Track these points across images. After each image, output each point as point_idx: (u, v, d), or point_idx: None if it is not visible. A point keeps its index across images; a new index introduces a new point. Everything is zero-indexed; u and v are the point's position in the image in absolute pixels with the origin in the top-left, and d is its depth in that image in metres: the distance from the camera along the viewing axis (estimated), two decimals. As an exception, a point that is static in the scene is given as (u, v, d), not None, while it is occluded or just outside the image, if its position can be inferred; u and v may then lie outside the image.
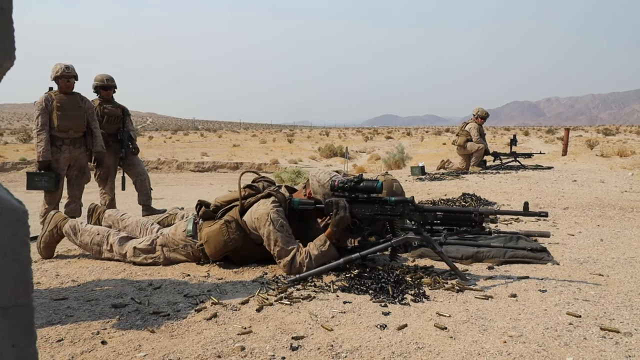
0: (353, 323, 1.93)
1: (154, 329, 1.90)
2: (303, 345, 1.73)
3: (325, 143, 23.81)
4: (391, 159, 11.71)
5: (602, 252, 3.17)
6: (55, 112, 4.66)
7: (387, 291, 2.30)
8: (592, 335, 1.80)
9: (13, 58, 0.46)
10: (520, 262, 2.89)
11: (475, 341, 1.75)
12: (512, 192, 6.09)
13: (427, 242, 2.57)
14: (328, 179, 2.83)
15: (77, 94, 4.88)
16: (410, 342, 1.74)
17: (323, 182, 2.85)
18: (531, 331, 1.84)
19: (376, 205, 2.69)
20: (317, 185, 2.88)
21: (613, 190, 6.15)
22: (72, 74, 4.77)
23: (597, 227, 4.00)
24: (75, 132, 4.80)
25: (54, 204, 4.77)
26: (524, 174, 8.48)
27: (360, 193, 2.67)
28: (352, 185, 2.66)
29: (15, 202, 0.48)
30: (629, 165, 9.47)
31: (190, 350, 1.70)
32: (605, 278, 2.57)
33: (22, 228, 0.48)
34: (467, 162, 9.53)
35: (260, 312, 2.08)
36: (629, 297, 2.25)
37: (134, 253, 2.90)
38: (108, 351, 1.72)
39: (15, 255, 0.47)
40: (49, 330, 1.91)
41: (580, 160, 11.38)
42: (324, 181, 2.85)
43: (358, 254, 2.57)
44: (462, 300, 2.22)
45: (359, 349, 1.69)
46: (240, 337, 1.81)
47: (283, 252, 2.62)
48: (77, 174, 4.96)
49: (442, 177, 8.01)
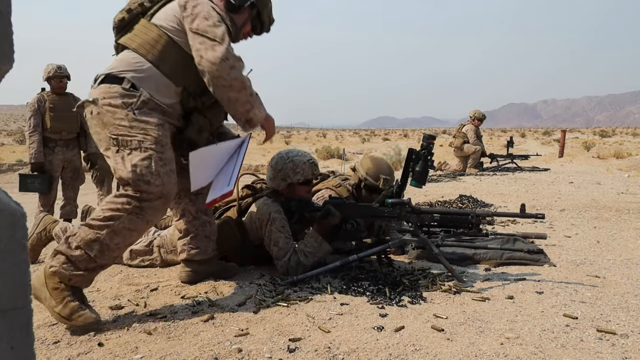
0: (350, 325, 1.94)
1: (150, 331, 1.90)
2: (300, 347, 1.73)
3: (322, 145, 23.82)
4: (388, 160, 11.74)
5: (598, 253, 3.19)
6: (47, 113, 4.63)
7: (384, 293, 2.31)
8: (588, 337, 1.81)
9: (12, 61, 0.46)
10: (517, 263, 2.90)
11: (472, 343, 1.75)
12: (509, 194, 6.10)
13: (424, 244, 2.58)
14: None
15: (70, 95, 4.85)
16: (407, 344, 1.74)
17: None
18: (528, 333, 1.84)
19: (373, 207, 2.69)
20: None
21: (609, 192, 6.17)
22: (64, 75, 4.74)
23: (594, 228, 4.02)
24: (68, 133, 4.78)
25: (48, 206, 4.75)
26: (521, 175, 8.51)
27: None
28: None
29: (13, 205, 0.48)
30: (626, 167, 9.51)
31: (188, 352, 1.69)
32: (602, 280, 2.58)
33: (20, 230, 0.48)
34: (464, 164, 9.55)
35: (257, 314, 2.08)
36: (625, 298, 2.26)
37: (131, 255, 2.89)
38: (105, 353, 1.71)
39: (14, 257, 0.47)
40: (46, 332, 1.90)
41: (577, 162, 11.43)
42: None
43: (355, 255, 2.58)
44: (459, 302, 2.22)
45: (356, 350, 1.69)
46: (238, 339, 1.81)
47: (282, 252, 2.62)
48: (72, 176, 4.94)
49: (439, 179, 8.03)
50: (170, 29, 2.19)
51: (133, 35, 2.22)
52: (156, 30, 2.19)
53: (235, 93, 2.16)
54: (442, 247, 2.95)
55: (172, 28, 2.19)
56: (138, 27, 2.23)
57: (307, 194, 2.82)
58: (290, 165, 2.71)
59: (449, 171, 9.49)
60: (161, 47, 2.18)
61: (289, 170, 2.71)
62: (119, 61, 2.19)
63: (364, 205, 2.75)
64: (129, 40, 2.21)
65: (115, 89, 2.09)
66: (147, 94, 2.12)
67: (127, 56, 2.19)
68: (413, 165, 2.64)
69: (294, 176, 2.70)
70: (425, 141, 2.64)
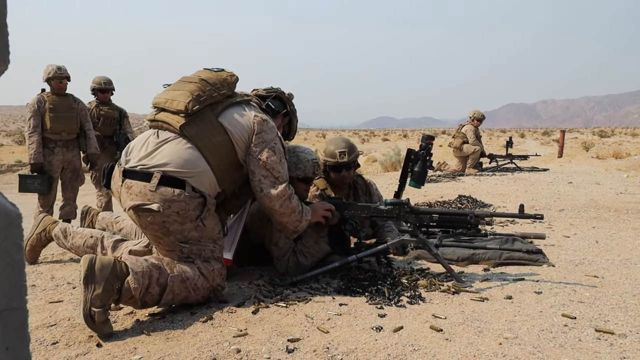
0: (349, 325, 1.94)
1: (149, 331, 1.90)
2: (299, 347, 1.73)
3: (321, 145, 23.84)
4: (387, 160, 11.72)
5: (597, 253, 3.19)
6: (47, 113, 4.62)
7: (383, 293, 2.31)
8: (587, 337, 1.81)
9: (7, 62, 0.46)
10: (516, 264, 2.90)
11: (471, 343, 1.75)
12: (508, 194, 6.11)
13: (423, 244, 2.58)
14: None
15: (70, 96, 4.84)
16: (406, 344, 1.74)
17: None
18: (526, 333, 1.84)
19: (373, 207, 2.70)
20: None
21: (608, 192, 6.18)
22: (64, 75, 4.73)
23: (593, 228, 4.02)
24: (68, 134, 4.77)
25: (47, 206, 4.75)
26: (520, 175, 8.51)
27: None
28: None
29: (8, 205, 0.48)
30: (624, 167, 9.52)
31: (186, 353, 1.69)
32: (600, 280, 2.58)
33: (15, 231, 0.48)
34: (464, 164, 9.56)
35: (256, 314, 2.08)
36: (623, 298, 2.26)
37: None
38: (103, 354, 1.71)
39: (9, 258, 0.47)
40: (44, 333, 1.90)
41: (576, 162, 11.44)
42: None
43: (354, 256, 2.58)
44: (458, 302, 2.23)
45: (355, 351, 1.69)
46: (236, 340, 1.81)
47: (281, 253, 2.62)
48: (71, 177, 4.93)
49: (438, 179, 8.03)
50: (237, 139, 2.26)
51: (201, 131, 2.22)
52: (224, 135, 2.24)
53: (286, 218, 2.37)
54: (441, 247, 2.95)
55: (238, 138, 2.26)
56: (207, 123, 2.24)
57: (304, 192, 2.83)
58: (294, 159, 2.74)
59: (448, 171, 9.49)
60: (224, 153, 2.24)
61: (291, 164, 2.73)
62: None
63: (364, 205, 2.75)
64: (197, 137, 2.20)
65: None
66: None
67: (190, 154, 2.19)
68: (412, 165, 2.64)
69: (295, 171, 2.71)
70: (424, 141, 2.64)
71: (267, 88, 2.66)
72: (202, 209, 2.16)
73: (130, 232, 3.10)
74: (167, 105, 2.24)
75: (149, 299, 2.02)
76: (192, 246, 2.16)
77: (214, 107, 2.27)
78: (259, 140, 2.26)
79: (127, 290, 1.93)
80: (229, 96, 2.33)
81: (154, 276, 2.00)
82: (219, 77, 2.34)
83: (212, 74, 2.36)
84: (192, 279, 2.12)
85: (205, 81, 2.29)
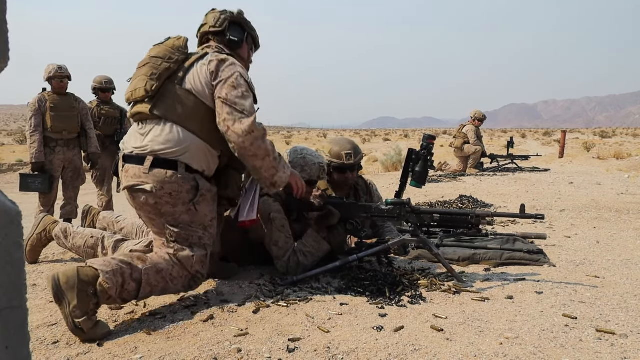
0: (350, 325, 1.93)
1: (150, 331, 1.90)
2: (299, 347, 1.73)
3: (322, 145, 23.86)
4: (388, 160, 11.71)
5: (598, 254, 3.18)
6: (48, 113, 4.63)
7: (384, 293, 2.30)
8: (588, 337, 1.80)
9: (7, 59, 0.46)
10: (517, 264, 2.89)
11: (472, 343, 1.75)
12: (509, 194, 6.10)
13: (424, 244, 2.58)
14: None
15: (70, 95, 4.85)
16: (406, 344, 1.74)
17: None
18: (527, 333, 1.84)
19: (373, 207, 2.69)
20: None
21: (609, 193, 6.17)
22: (65, 74, 4.74)
23: (594, 229, 4.02)
24: (69, 133, 4.78)
25: (48, 206, 4.75)
26: (521, 176, 8.50)
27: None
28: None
29: (8, 203, 0.48)
30: (626, 167, 9.51)
31: (187, 352, 1.69)
32: (601, 280, 2.58)
33: (15, 229, 0.47)
34: (465, 164, 9.55)
35: (257, 313, 2.08)
36: (624, 299, 2.26)
37: (130, 255, 2.88)
38: (104, 353, 1.71)
39: (9, 257, 0.47)
40: (45, 332, 1.90)
41: (577, 162, 11.43)
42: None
43: (355, 255, 2.58)
44: (459, 302, 2.22)
45: (356, 350, 1.69)
46: (237, 339, 1.81)
47: (281, 252, 2.62)
48: (72, 176, 4.93)
49: (439, 179, 8.03)
50: (203, 95, 2.22)
51: (170, 106, 2.20)
52: (193, 98, 2.21)
53: (259, 161, 2.24)
54: (442, 247, 2.95)
55: (203, 93, 2.22)
56: (172, 95, 2.22)
57: (307, 195, 2.83)
58: (300, 161, 2.76)
59: (449, 171, 9.48)
60: (201, 115, 2.21)
61: (298, 166, 2.75)
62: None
63: (365, 205, 2.75)
64: (169, 113, 2.19)
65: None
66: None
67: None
68: (413, 165, 2.64)
69: (300, 173, 2.72)
70: (425, 141, 2.64)
71: (215, 17, 2.48)
72: (196, 193, 2.18)
73: (131, 231, 3.09)
74: (134, 97, 2.27)
75: (127, 295, 2.02)
76: (181, 230, 2.18)
77: (174, 77, 2.25)
78: (218, 81, 2.21)
79: (102, 292, 1.92)
80: (184, 60, 2.30)
81: (126, 273, 2.00)
82: (167, 46, 2.31)
83: (160, 47, 2.33)
84: (167, 269, 2.13)
85: (155, 57, 2.27)
